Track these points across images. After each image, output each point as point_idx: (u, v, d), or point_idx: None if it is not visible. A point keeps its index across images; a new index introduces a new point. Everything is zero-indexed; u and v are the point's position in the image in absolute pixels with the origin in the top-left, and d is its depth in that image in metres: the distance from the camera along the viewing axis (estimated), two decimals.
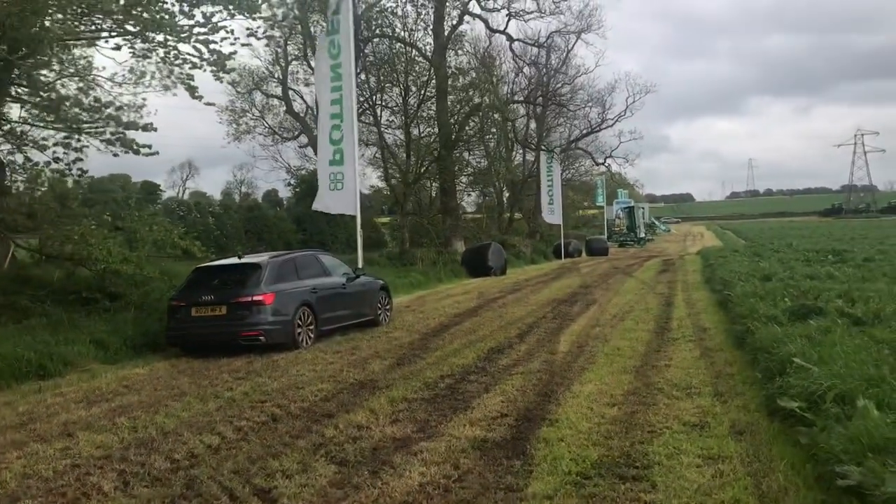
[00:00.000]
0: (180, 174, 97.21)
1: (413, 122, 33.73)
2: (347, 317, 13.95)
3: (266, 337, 11.82)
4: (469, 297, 21.05)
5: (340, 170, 18.57)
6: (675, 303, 17.92)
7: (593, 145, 61.80)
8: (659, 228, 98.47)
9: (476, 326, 14.72)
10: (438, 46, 35.07)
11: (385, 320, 15.32)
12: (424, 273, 27.14)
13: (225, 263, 13.20)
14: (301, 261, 13.39)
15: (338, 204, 18.78)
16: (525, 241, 48.09)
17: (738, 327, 11.77)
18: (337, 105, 18.64)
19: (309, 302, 12.67)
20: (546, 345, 12.32)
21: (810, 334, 9.03)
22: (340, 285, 13.90)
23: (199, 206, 33.10)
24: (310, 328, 12.65)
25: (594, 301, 19.03)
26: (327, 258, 14.66)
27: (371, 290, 15.02)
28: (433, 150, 34.18)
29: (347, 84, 18.47)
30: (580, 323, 14.92)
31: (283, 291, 12.29)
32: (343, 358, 11.37)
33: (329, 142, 18.79)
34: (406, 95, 33.09)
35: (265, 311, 11.86)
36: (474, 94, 34.77)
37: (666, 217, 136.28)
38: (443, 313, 17.06)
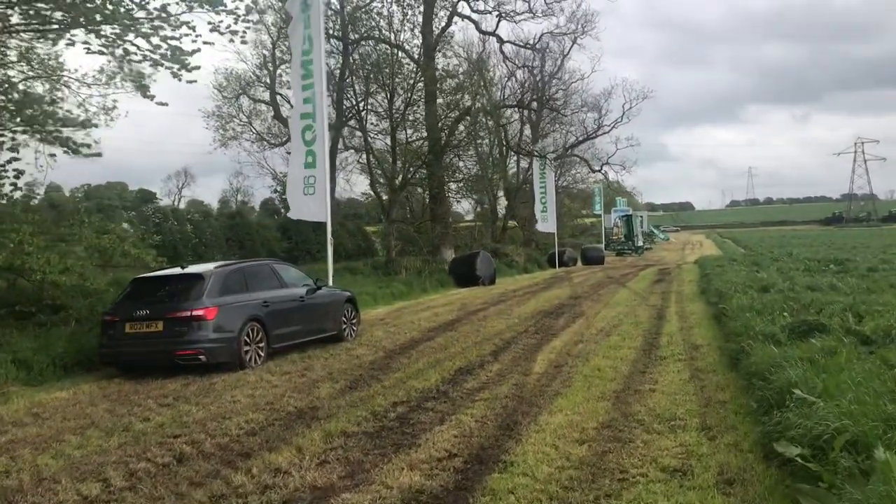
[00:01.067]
0: (176, 182, 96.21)
1: (400, 127, 32.58)
2: (306, 332, 12.75)
3: (207, 356, 10.63)
4: (450, 308, 19.87)
5: (313, 173, 17.42)
6: (667, 316, 16.75)
7: (589, 152, 60.79)
8: (658, 237, 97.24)
9: (449, 342, 13.54)
10: (427, 48, 33.98)
11: (350, 336, 14.13)
12: (408, 283, 25.94)
13: (165, 274, 12.00)
14: (251, 271, 12.21)
15: (309, 209, 17.61)
16: (518, 250, 46.90)
17: (733, 346, 10.59)
18: (309, 104, 17.50)
19: (259, 317, 11.48)
20: (521, 364, 11.15)
21: (813, 356, 7.85)
22: (298, 298, 12.70)
23: (176, 214, 31.81)
24: (259, 346, 11.46)
25: (581, 314, 17.85)
26: (285, 268, 13.46)
27: (334, 304, 13.83)
28: (421, 155, 33.02)
29: (319, 82, 17.32)
30: (562, 338, 13.75)
31: (229, 305, 11.09)
32: (290, 381, 10.18)
33: (302, 143, 17.64)
34: (392, 99, 31.95)
35: (206, 328, 10.67)
36: (463, 97, 33.61)
37: (665, 225, 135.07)
38: (417, 327, 15.88)
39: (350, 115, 34.30)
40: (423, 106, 33.65)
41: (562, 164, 59.43)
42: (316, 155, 17.37)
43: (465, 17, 36.94)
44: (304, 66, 17.45)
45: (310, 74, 17.38)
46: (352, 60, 33.07)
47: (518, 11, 37.54)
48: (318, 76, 17.33)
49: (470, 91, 34.95)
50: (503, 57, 41.00)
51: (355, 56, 33.14)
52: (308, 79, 17.40)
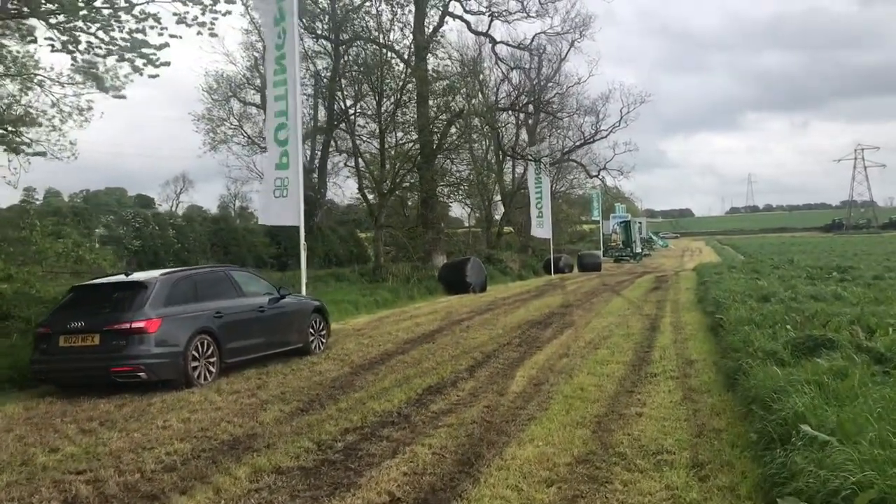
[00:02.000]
0: (174, 187, 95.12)
1: (389, 129, 31.58)
2: (266, 346, 11.72)
3: (148, 373, 9.59)
4: (434, 318, 18.84)
5: (286, 175, 16.41)
6: (660, 327, 15.72)
7: (587, 157, 59.72)
8: (657, 243, 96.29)
9: (424, 356, 12.51)
10: (418, 49, 33.02)
11: (318, 349, 13.10)
12: (394, 290, 24.90)
13: (105, 282, 10.95)
14: (204, 279, 11.16)
15: (282, 213, 16.61)
16: (513, 256, 45.87)
17: (730, 363, 9.56)
18: (282, 101, 16.50)
19: (209, 329, 10.45)
20: (497, 381, 10.12)
21: (821, 379, 6.82)
22: (257, 308, 11.66)
23: (157, 218, 30.84)
24: (210, 361, 10.43)
25: (571, 323, 16.83)
26: (244, 275, 12.42)
27: (300, 314, 12.79)
28: (412, 158, 32.02)
29: (293, 78, 16.33)
30: (547, 352, 12.72)
31: (175, 316, 10.06)
32: (237, 402, 9.15)
33: (275, 142, 16.64)
34: (380, 100, 30.96)
35: (147, 341, 9.64)
36: (455, 98, 32.64)
37: (664, 232, 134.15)
38: (394, 338, 14.86)
39: (341, 119, 33.39)
40: (414, 108, 32.70)
41: (559, 169, 58.40)
42: (290, 156, 16.37)
43: (456, 16, 36.04)
44: (277, 61, 16.47)
45: (283, 70, 16.40)
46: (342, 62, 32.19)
47: (511, 11, 36.63)
48: (292, 72, 16.35)
49: (462, 93, 34.02)
50: (496, 58, 39.99)
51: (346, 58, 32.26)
52: (281, 74, 16.42)
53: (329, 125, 35.72)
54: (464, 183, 35.12)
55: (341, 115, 33.21)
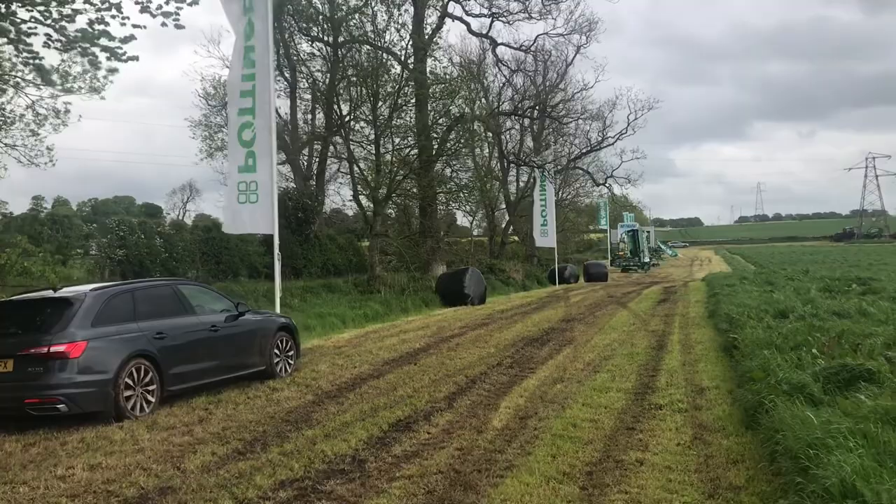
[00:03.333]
0: (181, 196, 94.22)
1: (384, 134, 30.30)
2: (220, 370, 10.36)
3: (68, 404, 8.25)
4: (423, 333, 17.46)
5: (253, 178, 15.05)
6: (668, 345, 14.32)
7: (594, 165, 58.42)
8: (665, 253, 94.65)
9: (401, 380, 11.14)
10: (416, 51, 31.77)
11: (284, 372, 11.73)
12: (386, 303, 23.53)
13: (27, 299, 9.61)
14: (145, 295, 9.82)
15: (250, 220, 15.28)
16: (517, 266, 44.46)
17: (748, 395, 8.15)
18: (248, 98, 15.15)
19: (148, 352, 9.11)
20: (478, 414, 8.76)
21: (868, 428, 5.43)
22: (209, 327, 10.29)
23: (144, 226, 29.57)
24: (148, 389, 9.08)
25: (570, 341, 15.45)
26: (195, 290, 11.06)
27: (262, 333, 11.41)
28: (409, 164, 30.71)
29: (263, 73, 15.02)
30: (540, 375, 11.35)
31: (104, 338, 8.72)
32: (167, 440, 7.79)
33: (239, 143, 15.27)
34: (376, 104, 29.68)
35: (68, 368, 8.30)
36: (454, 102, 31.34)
37: (673, 241, 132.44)
38: (373, 359, 13.49)
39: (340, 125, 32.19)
40: (411, 112, 31.44)
41: (564, 176, 57.05)
42: (256, 157, 15.01)
43: (456, 18, 34.80)
44: (246, 55, 15.14)
45: (251, 64, 15.08)
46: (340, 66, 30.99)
47: (512, 11, 35.26)
48: (262, 68, 15.04)
49: (463, 96, 32.76)
50: (496, 60, 38.69)
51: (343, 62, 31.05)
52: (248, 68, 15.09)
53: (328, 131, 34.55)
54: (463, 190, 33.73)
55: (339, 122, 32.01)
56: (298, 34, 34.27)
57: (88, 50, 15.18)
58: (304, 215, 35.60)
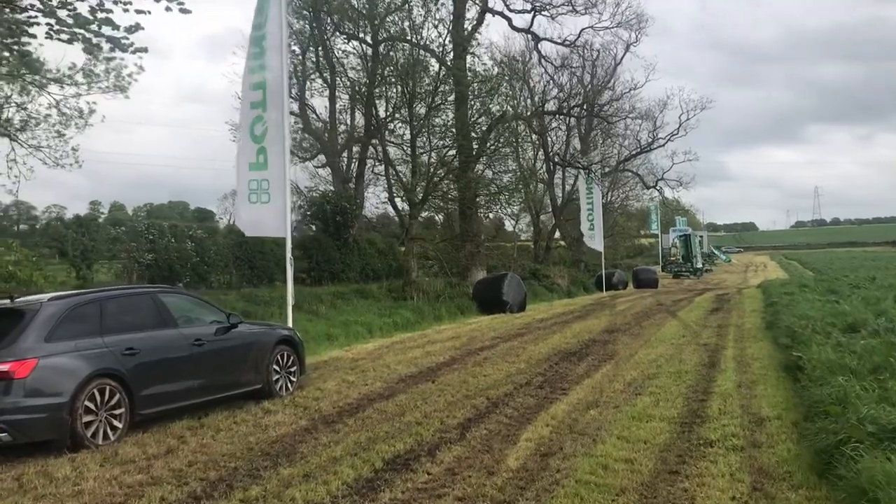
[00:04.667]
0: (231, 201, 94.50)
1: (421, 134, 29.10)
2: (205, 389, 9.15)
3: (11, 432, 7.11)
4: (451, 345, 16.13)
5: (264, 176, 13.89)
6: (721, 363, 12.75)
7: (644, 167, 56.32)
8: (718, 258, 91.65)
9: (414, 402, 9.84)
10: (456, 47, 30.49)
11: (285, 390, 10.51)
12: (418, 310, 22.27)
13: None
14: (115, 305, 8.66)
15: (261, 221, 14.12)
16: (562, 272, 42.84)
17: (822, 435, 6.64)
18: (259, 90, 14.01)
19: (114, 371, 7.96)
20: (493, 449, 7.42)
21: None
22: (192, 341, 9.10)
23: (175, 230, 28.81)
24: (114, 413, 7.92)
25: (611, 355, 13.98)
26: (180, 299, 9.88)
27: (257, 347, 10.19)
28: (445, 165, 29.41)
29: (275, 62, 13.85)
30: (572, 398, 9.94)
31: (60, 355, 7.59)
32: (117, 479, 6.58)
33: (250, 138, 14.13)
34: (412, 104, 28.50)
35: (13, 390, 7.15)
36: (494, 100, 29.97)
37: (727, 246, 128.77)
38: (389, 374, 12.21)
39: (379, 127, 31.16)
40: (450, 111, 30.20)
41: (613, 179, 55.14)
42: (268, 153, 13.85)
43: (497, 13, 33.32)
44: (256, 43, 14.01)
45: (262, 53, 13.94)
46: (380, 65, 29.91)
47: (555, 4, 33.60)
48: (274, 55, 13.87)
49: (504, 94, 31.39)
50: (539, 57, 37.08)
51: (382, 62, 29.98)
52: (259, 58, 13.96)
53: (367, 133, 33.51)
54: (504, 191, 32.29)
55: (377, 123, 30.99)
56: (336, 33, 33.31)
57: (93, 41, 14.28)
58: (342, 219, 34.66)
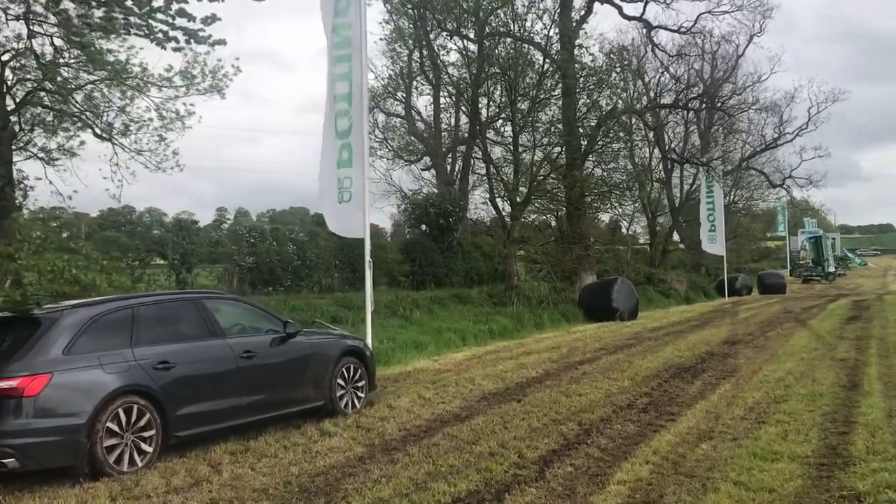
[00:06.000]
0: None
1: (525, 130, 27.67)
2: (254, 408, 8.07)
3: (19, 458, 6.22)
4: (548, 357, 14.66)
5: (349, 174, 12.91)
6: (864, 383, 10.77)
7: (770, 165, 52.70)
8: (853, 262, 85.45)
9: (492, 426, 8.49)
10: (563, 39, 28.90)
11: (351, 407, 9.36)
12: (517, 317, 20.85)
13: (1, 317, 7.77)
14: (151, 313, 7.70)
15: (347, 221, 13.13)
16: (679, 276, 40.32)
17: None
18: (345, 82, 13.01)
19: (144, 388, 7.00)
20: (576, 494, 6.03)
21: None
22: (240, 353, 8.03)
23: (276, 233, 28.61)
24: (143, 436, 6.96)
25: (731, 372, 12.19)
26: (228, 306, 8.79)
27: (317, 360, 9.05)
28: (552, 161, 27.86)
29: (357, 53, 12.84)
30: (681, 426, 8.34)
31: (78, 370, 6.68)
32: None
33: (335, 134, 13.16)
34: (514, 98, 27.10)
35: (21, 410, 6.29)
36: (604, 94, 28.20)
37: (862, 248, 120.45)
38: (470, 391, 10.88)
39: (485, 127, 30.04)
40: (555, 107, 28.62)
41: (736, 177, 51.75)
42: (353, 150, 12.85)
43: (606, 1, 31.44)
44: (338, 31, 13.01)
45: (346, 43, 12.93)
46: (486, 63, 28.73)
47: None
48: (356, 45, 12.86)
49: (615, 86, 29.53)
50: (652, 45, 34.84)
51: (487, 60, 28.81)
52: (343, 48, 12.96)
53: (471, 133, 32.42)
54: (615, 190, 30.39)
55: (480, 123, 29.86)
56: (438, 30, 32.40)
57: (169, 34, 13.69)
58: (445, 222, 33.72)
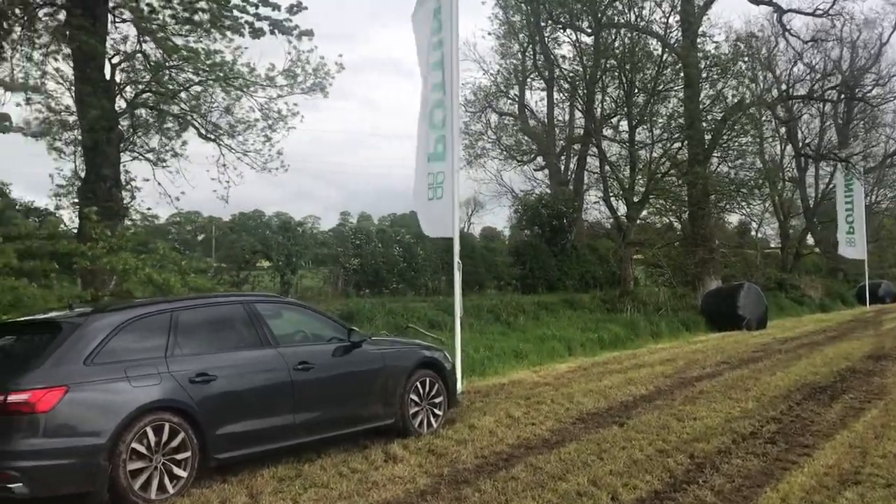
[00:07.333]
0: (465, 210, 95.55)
1: (642, 126, 25.96)
2: (310, 427, 7.08)
3: (28, 483, 5.45)
4: (662, 371, 13.14)
5: (441, 168, 11.87)
6: None
7: None
8: None
9: (586, 457, 7.21)
10: (683, 26, 26.97)
11: (426, 426, 8.27)
12: (631, 325, 19.26)
13: (25, 321, 7.03)
14: (193, 318, 6.82)
15: (433, 219, 12.10)
16: (814, 282, 37.26)
17: None
18: (439, 71, 11.99)
19: (177, 403, 6.14)
20: None
21: None
22: (294, 365, 7.06)
23: (381, 235, 28.03)
24: (176, 459, 6.10)
25: (878, 393, 10.40)
26: (284, 311, 7.82)
27: (387, 372, 7.99)
28: (671, 158, 26.00)
29: (449, 38, 11.79)
30: (818, 465, 6.83)
31: (99, 382, 5.90)
32: None
33: (429, 126, 12.15)
34: (631, 91, 25.47)
35: (31, 428, 5.52)
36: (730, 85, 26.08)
37: None
38: (567, 410, 9.60)
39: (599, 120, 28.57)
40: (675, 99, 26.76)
41: (879, 175, 47.55)
42: (446, 143, 11.82)
43: None
44: (434, 15, 11.99)
45: (440, 27, 11.91)
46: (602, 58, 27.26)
47: None
48: (449, 30, 11.80)
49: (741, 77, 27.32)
50: (783, 31, 32.19)
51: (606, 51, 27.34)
52: (438, 33, 11.93)
53: (586, 131, 30.96)
54: (742, 189, 28.08)
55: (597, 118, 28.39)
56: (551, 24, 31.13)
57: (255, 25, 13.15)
58: (559, 223, 32.37)
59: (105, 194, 14.29)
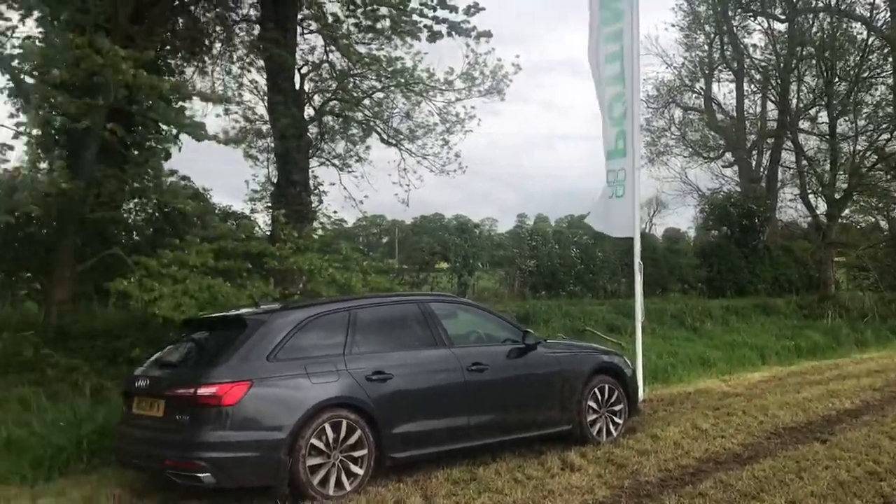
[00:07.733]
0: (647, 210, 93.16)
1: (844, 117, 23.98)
2: (483, 430, 6.96)
3: (215, 474, 5.69)
4: (869, 382, 11.89)
5: (622, 165, 11.41)
6: None
7: None
8: None
9: (780, 476, 6.59)
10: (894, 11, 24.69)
11: (606, 434, 7.89)
12: (833, 332, 17.72)
13: (215, 317, 7.25)
14: (368, 317, 6.81)
15: (612, 218, 11.65)
16: None
17: None
18: (616, 63, 11.53)
19: (355, 401, 6.22)
20: None
21: None
22: (468, 366, 6.96)
23: (559, 236, 27.67)
24: (353, 456, 6.15)
25: None
26: (459, 311, 7.68)
27: (563, 377, 7.68)
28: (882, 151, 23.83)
29: (629, 25, 11.29)
30: None
31: (282, 378, 6.05)
32: None
33: (609, 121, 11.70)
34: (832, 80, 23.58)
35: (218, 420, 5.75)
36: None
37: None
38: (760, 423, 8.86)
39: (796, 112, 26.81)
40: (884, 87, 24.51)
41: None
42: (626, 139, 11.35)
43: None
44: (606, 5, 11.55)
45: (616, 16, 11.44)
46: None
47: None
48: (628, 19, 11.32)
49: None
50: None
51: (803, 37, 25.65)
52: (612, 23, 11.48)
53: (780, 125, 29.13)
54: None
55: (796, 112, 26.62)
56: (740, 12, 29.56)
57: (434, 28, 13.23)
58: (749, 223, 30.60)
59: (295, 198, 14.97)
